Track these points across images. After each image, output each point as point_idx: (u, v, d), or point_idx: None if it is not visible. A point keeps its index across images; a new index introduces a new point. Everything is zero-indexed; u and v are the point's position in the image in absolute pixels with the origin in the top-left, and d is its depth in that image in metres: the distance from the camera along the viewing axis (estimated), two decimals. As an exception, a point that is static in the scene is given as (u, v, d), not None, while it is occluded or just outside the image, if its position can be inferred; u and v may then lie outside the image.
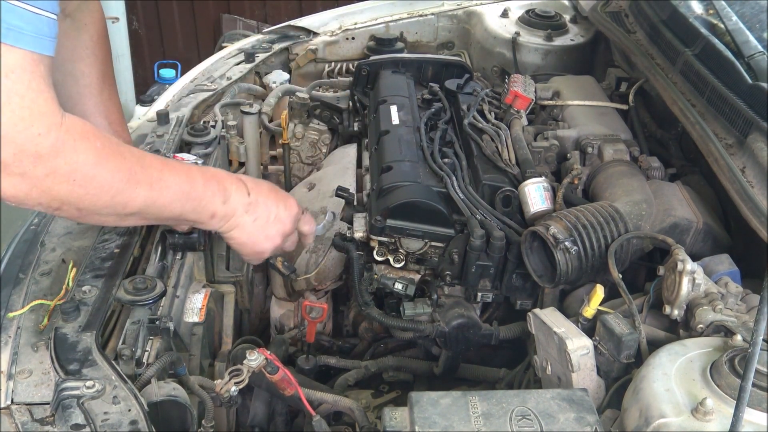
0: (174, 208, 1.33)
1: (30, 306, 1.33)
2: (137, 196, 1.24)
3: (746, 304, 1.32)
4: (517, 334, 1.69)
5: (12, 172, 1.07)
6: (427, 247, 1.65)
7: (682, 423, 1.03)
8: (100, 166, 1.17)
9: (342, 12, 2.83)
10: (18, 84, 1.04)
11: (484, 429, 1.05)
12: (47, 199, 1.14)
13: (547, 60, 2.54)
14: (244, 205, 1.44)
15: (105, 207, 1.21)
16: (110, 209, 1.23)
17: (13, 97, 1.03)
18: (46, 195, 1.13)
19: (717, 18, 1.84)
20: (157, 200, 1.28)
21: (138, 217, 1.30)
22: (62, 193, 1.14)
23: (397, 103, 2.00)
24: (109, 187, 1.19)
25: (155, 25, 6.11)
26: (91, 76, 1.59)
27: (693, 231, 1.57)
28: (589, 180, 1.78)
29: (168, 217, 1.37)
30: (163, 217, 1.37)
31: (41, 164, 1.09)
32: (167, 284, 1.52)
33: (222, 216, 1.41)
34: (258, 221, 1.48)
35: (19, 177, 1.08)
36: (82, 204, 1.18)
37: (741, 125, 1.52)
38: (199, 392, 1.35)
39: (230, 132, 2.16)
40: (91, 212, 1.22)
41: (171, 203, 1.31)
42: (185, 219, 1.40)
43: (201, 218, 1.40)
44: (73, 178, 1.13)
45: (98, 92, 1.61)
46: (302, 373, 1.75)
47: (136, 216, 1.29)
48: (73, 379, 1.17)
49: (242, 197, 1.44)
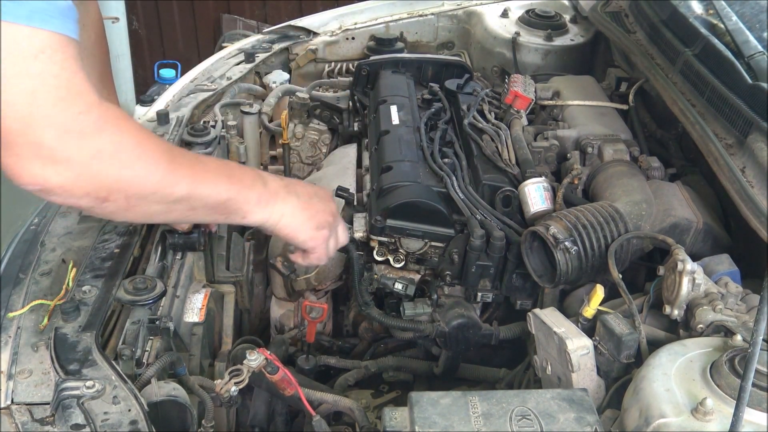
0: (220, 192, 1.27)
1: (30, 306, 1.33)
2: (181, 179, 1.19)
3: (746, 304, 1.32)
4: (517, 334, 1.69)
5: (57, 157, 1.02)
6: (427, 247, 1.65)
7: (682, 423, 1.03)
8: (142, 146, 1.13)
9: (342, 12, 2.83)
10: (50, 65, 1.00)
11: (484, 429, 1.05)
12: (95, 187, 1.08)
13: (547, 60, 2.54)
14: (283, 186, 1.39)
15: (152, 192, 1.16)
16: (158, 195, 1.17)
17: (47, 78, 1.00)
18: (94, 181, 1.08)
19: (717, 18, 1.84)
20: (201, 182, 1.23)
21: (185, 205, 1.23)
22: (110, 177, 1.09)
23: (397, 103, 2.00)
24: (155, 168, 1.14)
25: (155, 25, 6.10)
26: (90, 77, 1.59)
27: (693, 231, 1.57)
28: (589, 180, 1.78)
29: (215, 203, 1.28)
30: (210, 203, 1.27)
31: (86, 145, 1.04)
32: (167, 284, 1.52)
33: (267, 200, 1.35)
34: (302, 198, 1.42)
35: (65, 163, 1.03)
36: (130, 189, 1.13)
37: (741, 125, 1.52)
38: (199, 392, 1.35)
39: (230, 132, 2.16)
40: (139, 200, 1.15)
41: (215, 185, 1.26)
42: (231, 208, 1.31)
43: (247, 204, 1.32)
44: (118, 159, 1.09)
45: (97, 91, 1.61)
46: (302, 373, 1.75)
47: (184, 204, 1.22)
48: (73, 379, 1.17)
49: (278, 180, 1.39)
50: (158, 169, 1.15)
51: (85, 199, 1.10)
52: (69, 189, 1.07)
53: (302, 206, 1.42)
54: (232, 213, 1.32)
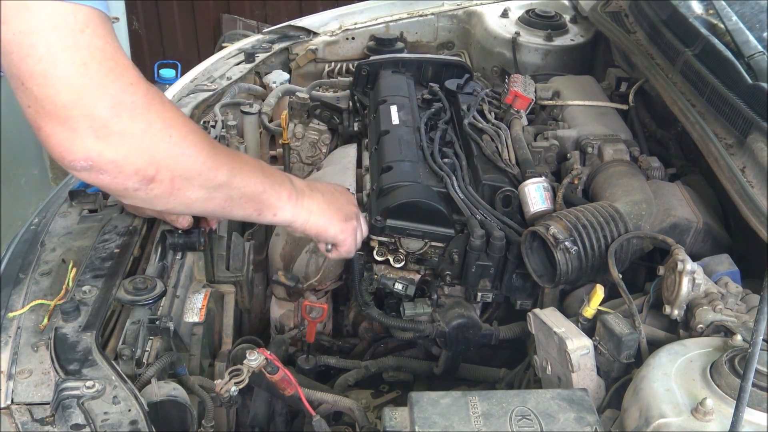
0: (256, 182, 1.29)
1: (30, 306, 1.33)
2: (223, 164, 1.20)
3: (746, 304, 1.32)
4: (517, 334, 1.69)
5: (111, 129, 1.03)
6: (427, 247, 1.65)
7: (682, 423, 1.03)
8: (188, 126, 1.14)
9: (342, 12, 2.83)
10: (96, 38, 1.00)
11: (484, 429, 1.05)
12: (145, 163, 1.08)
13: (547, 60, 2.54)
14: (306, 185, 1.42)
15: (198, 174, 1.16)
16: (202, 178, 1.18)
17: (95, 51, 1.00)
18: (144, 156, 1.08)
19: (717, 18, 1.84)
20: (240, 171, 1.24)
21: (224, 193, 1.24)
22: (160, 153, 1.09)
23: (397, 103, 2.00)
24: (201, 149, 1.16)
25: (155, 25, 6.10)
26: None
27: (693, 231, 1.57)
28: (589, 180, 1.78)
29: (251, 194, 1.29)
30: (247, 194, 1.28)
31: (138, 117, 1.05)
32: (167, 284, 1.52)
33: (296, 198, 1.38)
34: (325, 194, 1.45)
35: (118, 136, 1.03)
36: (177, 168, 1.13)
37: (741, 125, 1.52)
38: (199, 392, 1.35)
39: (230, 132, 2.15)
40: (184, 183, 1.15)
41: (252, 176, 1.28)
42: (265, 202, 1.32)
43: (279, 200, 1.34)
44: (168, 134, 1.10)
45: None
46: (302, 373, 1.75)
47: (223, 192, 1.23)
48: (73, 379, 1.17)
49: (300, 180, 1.42)
50: (203, 150, 1.16)
51: (133, 179, 1.09)
52: (120, 165, 1.06)
53: (327, 201, 1.45)
54: (265, 208, 1.33)
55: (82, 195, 1.64)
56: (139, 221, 1.57)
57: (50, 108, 0.99)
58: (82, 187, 1.63)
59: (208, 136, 1.21)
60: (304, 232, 1.45)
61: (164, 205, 1.20)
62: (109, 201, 1.64)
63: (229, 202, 1.27)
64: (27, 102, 1.00)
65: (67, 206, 1.64)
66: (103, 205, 1.63)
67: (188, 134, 1.14)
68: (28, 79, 0.98)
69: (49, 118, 1.00)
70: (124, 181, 1.09)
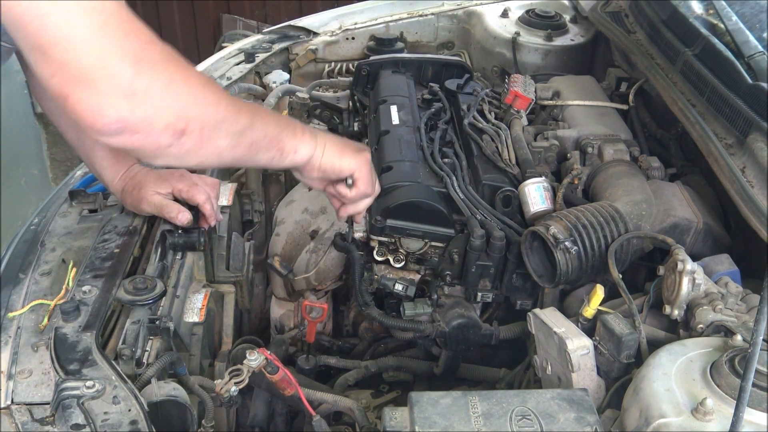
0: (274, 123, 1.32)
1: (30, 306, 1.33)
2: (242, 108, 1.24)
3: (746, 304, 1.32)
4: (517, 334, 1.69)
5: (137, 87, 1.05)
6: (427, 247, 1.65)
7: (682, 423, 1.03)
8: (203, 77, 1.17)
9: (342, 12, 2.83)
10: (110, 2, 1.03)
11: (484, 429, 1.05)
12: (175, 116, 1.10)
13: (547, 60, 2.54)
14: (312, 128, 1.44)
15: (223, 119, 1.19)
16: (227, 123, 1.20)
17: (112, 13, 1.02)
18: (173, 110, 1.10)
19: (717, 18, 1.84)
20: (257, 113, 1.27)
21: (249, 136, 1.25)
22: (186, 105, 1.12)
23: (397, 103, 2.00)
24: (220, 96, 1.19)
25: (155, 25, 6.10)
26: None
27: (693, 231, 1.57)
28: (589, 180, 1.78)
29: (273, 135, 1.32)
30: (269, 134, 1.31)
31: (160, 73, 1.08)
32: (167, 284, 1.52)
33: (309, 133, 1.39)
34: (331, 135, 1.47)
35: (145, 93, 1.06)
36: (205, 117, 1.15)
37: (741, 125, 1.52)
38: (199, 392, 1.35)
39: (230, 132, 2.15)
40: (213, 131, 1.17)
41: (269, 116, 1.33)
42: (285, 141, 1.35)
43: (295, 136, 1.36)
44: (190, 86, 1.13)
45: None
46: (302, 373, 1.75)
47: (248, 136, 1.25)
48: (73, 379, 1.17)
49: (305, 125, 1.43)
50: (222, 98, 1.20)
51: (165, 135, 1.10)
52: (152, 121, 1.08)
53: (335, 138, 1.47)
54: (286, 147, 1.35)
55: (82, 195, 1.64)
56: (139, 221, 1.57)
57: (76, 72, 1.00)
58: (82, 187, 1.63)
59: (221, 86, 1.25)
60: (321, 170, 1.43)
61: (196, 159, 1.21)
62: (109, 201, 1.64)
63: (255, 146, 1.29)
64: (51, 72, 1.01)
65: (67, 206, 1.64)
66: (103, 205, 1.63)
67: (206, 84, 1.18)
68: (50, 48, 0.99)
69: (76, 83, 1.01)
70: (157, 138, 1.10)
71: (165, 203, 1.52)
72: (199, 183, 1.58)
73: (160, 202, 1.52)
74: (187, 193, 1.54)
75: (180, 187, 1.54)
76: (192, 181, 1.57)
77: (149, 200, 1.52)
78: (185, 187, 1.55)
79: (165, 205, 1.52)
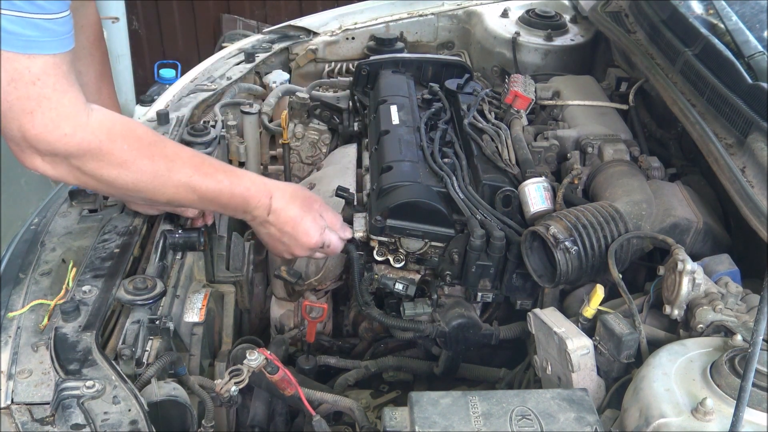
0: (198, 206, 1.50)
1: (30, 306, 1.33)
2: (163, 195, 1.37)
3: (746, 304, 1.32)
4: (517, 334, 1.69)
5: (50, 161, 1.23)
6: (427, 247, 1.65)
7: (682, 423, 1.03)
8: (124, 168, 1.28)
9: (342, 12, 2.83)
10: (45, 88, 1.15)
11: (484, 429, 1.05)
12: (84, 185, 1.32)
13: (547, 60, 2.54)
14: (261, 220, 1.54)
15: (136, 198, 1.42)
16: (140, 200, 1.45)
17: (42, 101, 1.15)
18: (81, 182, 1.30)
19: (717, 18, 1.84)
20: (182, 201, 1.42)
21: (169, 206, 1.51)
22: (91, 183, 1.30)
23: (397, 103, 2.00)
24: (133, 185, 1.32)
25: (155, 25, 6.10)
26: (88, 75, 1.60)
27: (693, 231, 1.57)
28: (589, 180, 1.78)
29: (191, 207, 1.55)
30: (187, 206, 1.54)
31: (72, 160, 1.23)
32: (167, 284, 1.52)
33: (244, 217, 1.55)
34: (272, 235, 1.57)
35: (57, 166, 1.24)
36: (110, 190, 1.39)
37: (741, 125, 1.52)
38: (199, 392, 1.35)
39: (230, 132, 2.16)
40: (123, 198, 1.45)
41: (196, 204, 1.47)
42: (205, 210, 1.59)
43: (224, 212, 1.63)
44: (100, 174, 1.27)
45: (96, 91, 1.63)
46: (302, 373, 1.75)
47: (168, 206, 1.49)
48: (73, 379, 1.17)
49: (262, 215, 1.52)
50: (136, 187, 1.33)
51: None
52: (65, 181, 1.30)
53: (270, 239, 1.60)
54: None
55: (82, 195, 1.64)
56: (139, 221, 1.57)
57: (9, 136, 1.21)
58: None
59: (156, 171, 1.34)
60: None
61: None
62: (109, 201, 1.64)
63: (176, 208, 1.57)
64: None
65: (67, 206, 1.64)
66: (103, 205, 1.63)
67: (120, 176, 1.30)
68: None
69: (8, 141, 1.22)
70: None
71: None
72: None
73: None
74: None
75: None
76: None
77: None
78: None
79: None
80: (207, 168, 1.40)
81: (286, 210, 1.52)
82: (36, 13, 1.11)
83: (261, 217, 1.51)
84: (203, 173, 1.38)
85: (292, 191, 1.55)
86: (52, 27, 1.13)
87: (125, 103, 5.03)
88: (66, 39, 1.17)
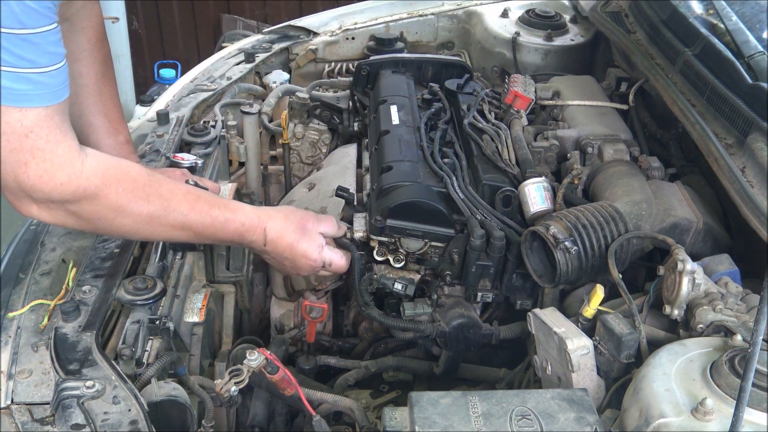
0: (194, 241, 1.54)
1: (30, 306, 1.33)
2: (159, 234, 1.41)
3: (746, 304, 1.32)
4: (517, 334, 1.69)
5: (47, 207, 1.25)
6: (427, 247, 1.65)
7: (682, 423, 1.03)
8: (120, 211, 1.30)
9: (342, 12, 2.83)
10: (38, 140, 1.16)
11: (484, 429, 1.05)
12: (78, 227, 1.35)
13: (547, 60, 2.54)
14: (259, 250, 1.58)
15: (132, 236, 1.47)
16: (136, 238, 1.50)
17: (36, 152, 1.17)
18: (80, 226, 1.32)
19: (717, 18, 1.84)
20: (179, 238, 1.45)
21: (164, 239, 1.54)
22: (89, 227, 1.33)
23: (397, 103, 2.00)
24: (130, 228, 1.33)
25: (155, 25, 6.10)
26: (89, 76, 1.60)
27: (693, 231, 1.56)
28: (589, 180, 1.78)
29: (187, 242, 1.59)
30: (183, 242, 1.59)
31: (68, 206, 1.25)
32: (167, 284, 1.52)
33: (242, 246, 1.65)
34: (273, 260, 1.61)
35: (52, 213, 1.26)
36: (108, 233, 1.45)
37: (741, 125, 1.52)
38: (199, 392, 1.35)
39: (230, 132, 2.16)
40: (118, 236, 1.48)
41: (192, 240, 1.49)
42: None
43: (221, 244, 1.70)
44: (97, 217, 1.28)
45: (97, 92, 1.63)
46: (302, 373, 1.75)
47: (162, 239, 1.53)
48: (73, 379, 1.17)
49: (259, 247, 1.55)
50: (132, 228, 1.34)
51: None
52: (65, 225, 1.31)
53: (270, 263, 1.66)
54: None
55: (82, 195, 1.63)
56: (139, 221, 1.57)
57: (5, 186, 1.22)
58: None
59: (152, 212, 1.35)
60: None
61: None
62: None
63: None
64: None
65: (67, 206, 1.64)
66: (103, 205, 1.62)
67: (117, 218, 1.31)
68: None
69: (5, 190, 1.23)
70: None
71: None
72: (200, 183, 1.62)
73: None
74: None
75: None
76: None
77: None
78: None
79: None
80: (202, 205, 1.41)
81: (282, 238, 1.54)
82: (27, 68, 1.12)
83: (258, 248, 1.55)
84: (198, 211, 1.40)
85: (284, 217, 1.56)
86: (44, 80, 1.14)
87: (125, 103, 5.03)
88: (59, 90, 1.18)
